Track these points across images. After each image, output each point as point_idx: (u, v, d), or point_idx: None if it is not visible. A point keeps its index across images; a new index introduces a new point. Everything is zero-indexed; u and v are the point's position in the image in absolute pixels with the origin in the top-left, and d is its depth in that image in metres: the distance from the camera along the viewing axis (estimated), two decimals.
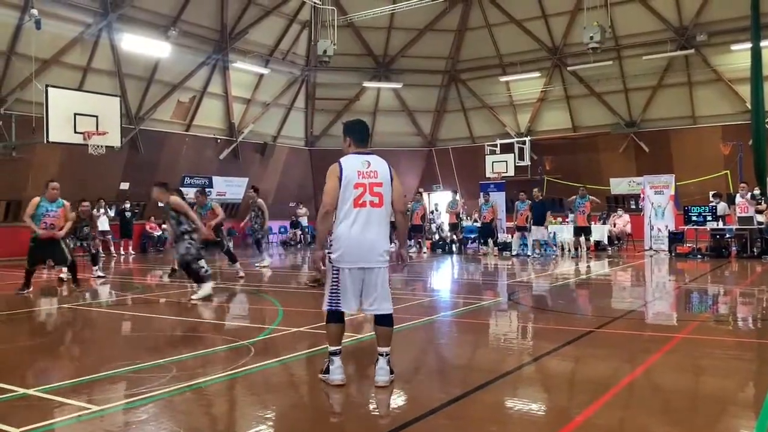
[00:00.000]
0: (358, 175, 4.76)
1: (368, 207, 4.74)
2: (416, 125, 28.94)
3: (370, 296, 4.76)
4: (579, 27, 22.51)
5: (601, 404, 4.36)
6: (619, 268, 15.14)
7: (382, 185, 4.81)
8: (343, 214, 4.74)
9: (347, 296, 4.73)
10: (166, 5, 20.89)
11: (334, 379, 4.72)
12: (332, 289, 4.77)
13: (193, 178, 23.52)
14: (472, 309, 8.88)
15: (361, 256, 4.72)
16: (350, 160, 4.84)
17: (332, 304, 4.76)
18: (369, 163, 4.84)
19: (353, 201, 4.72)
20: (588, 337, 6.62)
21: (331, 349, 4.79)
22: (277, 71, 25.51)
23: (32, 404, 4.53)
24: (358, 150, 4.94)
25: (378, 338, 4.82)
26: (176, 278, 12.57)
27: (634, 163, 24.45)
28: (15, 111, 17.58)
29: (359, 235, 4.71)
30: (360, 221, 4.72)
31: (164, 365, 5.48)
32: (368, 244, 4.73)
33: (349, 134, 5.04)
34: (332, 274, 4.79)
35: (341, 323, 4.82)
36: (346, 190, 4.72)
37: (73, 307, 9.44)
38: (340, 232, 4.74)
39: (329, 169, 4.81)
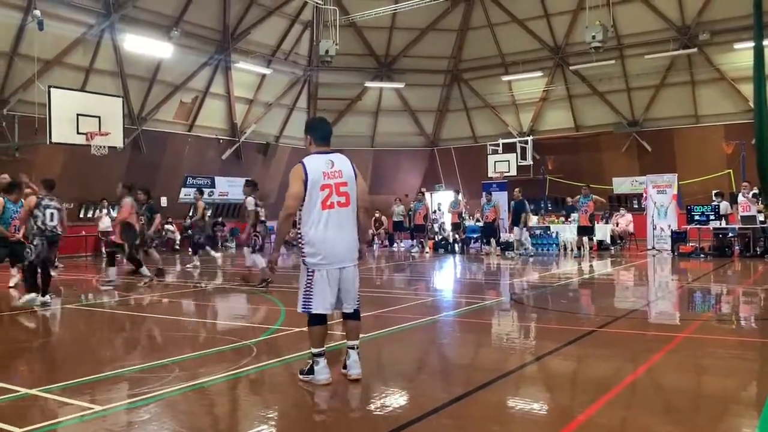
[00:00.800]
0: (324, 176, 4.72)
1: (336, 208, 4.73)
2: (418, 125, 28.94)
3: (347, 294, 4.81)
4: (581, 26, 22.49)
5: (603, 403, 4.36)
6: (622, 268, 15.12)
7: (347, 184, 4.80)
8: (312, 217, 4.71)
9: (324, 297, 4.71)
10: (168, 6, 20.92)
11: (320, 379, 4.74)
12: (306, 291, 4.76)
13: (195, 179, 23.54)
14: (474, 309, 8.88)
15: (338, 256, 4.74)
16: (314, 160, 4.79)
17: (306, 306, 4.76)
18: (332, 162, 4.80)
19: (321, 203, 4.70)
20: (590, 337, 6.62)
21: (315, 350, 4.78)
22: (280, 71, 25.52)
23: (35, 404, 4.54)
24: (320, 149, 4.90)
25: (349, 332, 4.90)
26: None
27: (636, 163, 24.41)
28: (18, 112, 17.62)
29: (333, 236, 4.71)
30: (331, 223, 4.71)
31: (166, 365, 5.50)
32: (344, 245, 4.76)
33: (310, 133, 4.98)
34: (306, 277, 4.76)
35: (324, 324, 4.83)
36: (312, 193, 4.68)
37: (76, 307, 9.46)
38: (313, 235, 4.71)
39: (292, 171, 4.77)
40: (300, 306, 4.80)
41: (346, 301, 4.84)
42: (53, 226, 9.53)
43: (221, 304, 10.12)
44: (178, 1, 21.08)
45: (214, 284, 12.42)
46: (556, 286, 11.52)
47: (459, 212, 20.49)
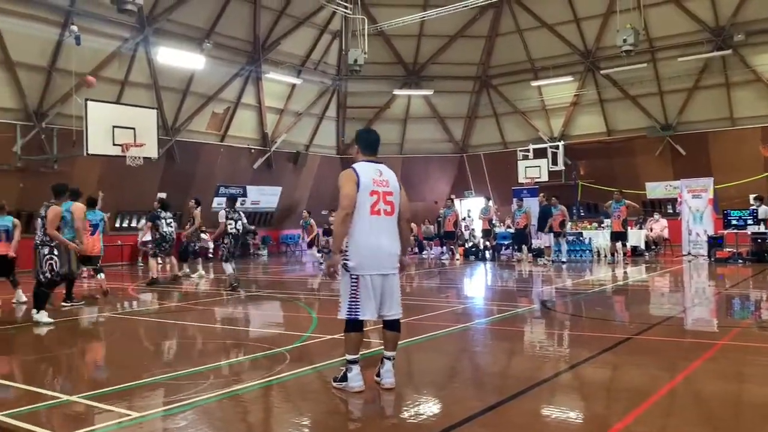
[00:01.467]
0: (373, 182, 4.80)
1: (382, 215, 4.80)
2: (447, 132, 28.90)
3: (388, 302, 4.82)
4: (612, 30, 22.24)
5: (640, 413, 4.28)
6: (657, 274, 14.86)
7: (393, 194, 4.89)
8: (359, 222, 4.75)
9: (367, 304, 4.72)
10: (200, 18, 21.29)
11: (354, 386, 4.74)
12: (351, 297, 4.75)
13: (228, 188, 23.83)
14: (506, 316, 8.81)
15: (381, 263, 4.77)
16: (364, 167, 4.86)
17: (352, 312, 4.74)
18: (381, 172, 4.89)
19: (369, 208, 4.76)
20: (626, 345, 6.52)
21: (350, 357, 4.79)
22: (309, 81, 25.75)
23: (76, 411, 4.64)
24: (367, 158, 4.97)
25: (387, 343, 4.90)
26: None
27: (670, 167, 24.00)
28: (56, 125, 18.07)
29: (377, 242, 4.76)
30: (376, 229, 4.76)
31: (202, 372, 5.57)
32: (386, 251, 4.80)
33: (358, 142, 5.07)
34: (351, 283, 4.75)
35: (361, 332, 4.85)
36: (362, 197, 4.74)
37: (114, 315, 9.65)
38: (358, 239, 4.74)
39: (343, 174, 4.82)
40: (344, 312, 4.78)
41: (388, 308, 4.83)
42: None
43: (253, 312, 10.22)
44: (210, 13, 21.45)
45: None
46: (589, 293, 11.38)
47: (489, 219, 20.36)
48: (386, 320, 4.89)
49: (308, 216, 19.56)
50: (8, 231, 10.43)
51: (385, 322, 4.90)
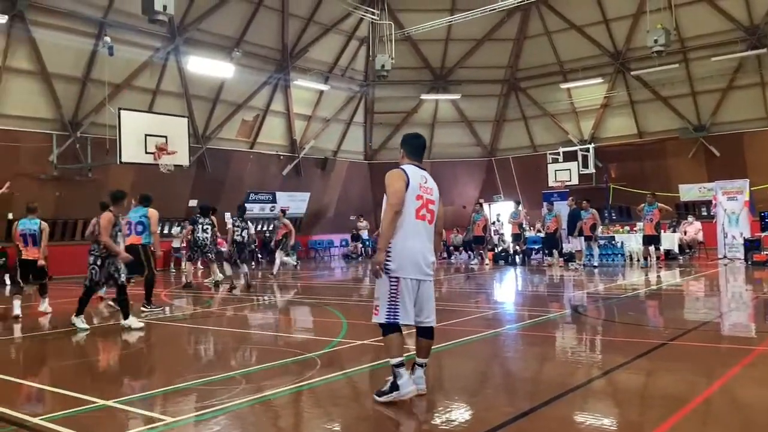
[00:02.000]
0: (419, 187, 4.73)
1: (425, 221, 4.74)
2: (475, 136, 28.78)
3: (425, 308, 4.71)
4: (642, 30, 21.93)
5: (676, 420, 4.20)
6: (692, 278, 14.57)
7: (434, 203, 4.84)
8: (404, 224, 4.64)
9: (407, 308, 4.61)
10: (229, 27, 21.58)
11: (407, 392, 4.54)
12: (391, 300, 4.61)
13: (257, 194, 24.09)
14: (537, 322, 8.72)
15: (420, 268, 4.67)
16: (412, 170, 4.78)
17: (391, 316, 4.60)
18: (426, 179, 4.85)
19: (415, 212, 4.67)
20: (660, 350, 6.40)
21: (396, 361, 4.57)
22: (337, 87, 25.90)
23: (111, 415, 4.72)
24: (413, 162, 4.90)
25: (421, 350, 4.81)
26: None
27: (704, 169, 23.54)
28: (90, 134, 18.47)
29: (419, 247, 4.68)
30: (417, 233, 4.68)
31: (234, 377, 5.62)
32: (424, 257, 4.70)
33: (404, 146, 5.02)
34: (391, 285, 4.63)
35: (401, 332, 4.70)
36: (410, 199, 4.64)
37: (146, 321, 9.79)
38: (401, 242, 4.63)
39: (392, 173, 4.71)
40: (383, 315, 4.61)
41: (424, 314, 4.72)
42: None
43: (284, 317, 10.28)
44: (239, 22, 21.73)
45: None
46: (622, 298, 11.21)
47: (519, 223, 20.20)
48: (421, 327, 4.77)
49: (282, 216, 17.46)
50: (35, 235, 10.13)
51: (420, 329, 4.78)
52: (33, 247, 10.16)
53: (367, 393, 5.39)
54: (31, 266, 10.21)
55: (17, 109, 17.42)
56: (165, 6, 14.44)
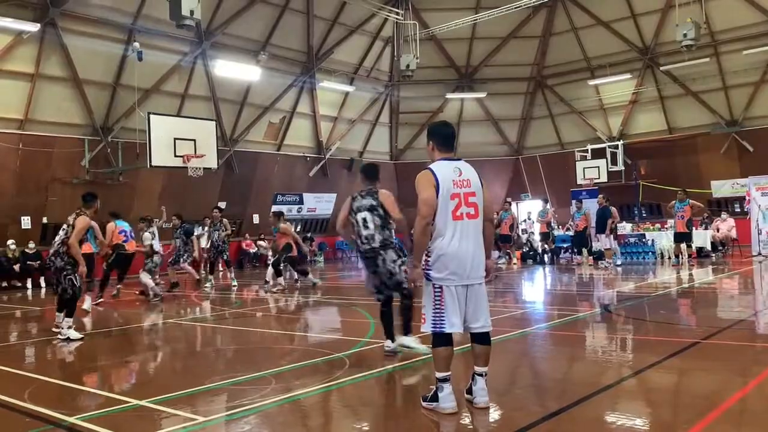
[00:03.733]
0: (453, 184, 4.42)
1: (465, 219, 4.40)
2: (502, 134, 28.59)
3: (476, 313, 4.46)
4: (671, 25, 21.56)
5: (710, 421, 4.13)
6: (725, 276, 14.30)
7: (475, 194, 4.48)
8: (441, 228, 4.38)
9: (453, 315, 4.36)
10: (255, 31, 21.78)
11: (446, 407, 4.38)
12: (436, 309, 4.39)
13: (284, 196, 24.26)
14: (567, 321, 8.64)
15: (466, 272, 4.40)
16: (442, 167, 4.48)
17: (437, 325, 4.38)
18: (460, 170, 4.50)
19: (451, 213, 4.38)
20: (693, 349, 6.30)
21: (441, 375, 4.39)
22: (362, 88, 25.95)
23: (144, 414, 4.80)
24: (444, 156, 4.59)
25: (478, 357, 4.52)
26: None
27: (737, 164, 23.06)
28: (121, 138, 18.80)
29: (461, 250, 4.38)
30: (459, 235, 4.38)
31: (264, 377, 5.67)
32: (471, 259, 4.41)
33: (433, 138, 4.69)
34: (435, 293, 4.41)
35: (450, 346, 4.44)
36: (443, 201, 4.36)
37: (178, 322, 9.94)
38: (441, 247, 4.38)
39: (420, 177, 4.45)
40: (429, 324, 4.41)
41: (475, 320, 4.46)
42: None
43: (312, 317, 10.35)
44: (265, 25, 21.91)
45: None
46: (653, 296, 11.05)
47: (547, 221, 20.02)
48: (475, 333, 4.50)
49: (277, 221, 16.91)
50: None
51: (474, 335, 4.52)
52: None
53: (395, 393, 5.40)
54: None
55: (50, 115, 17.80)
56: (192, 11, 14.63)
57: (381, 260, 6.28)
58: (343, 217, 6.56)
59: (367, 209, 6.32)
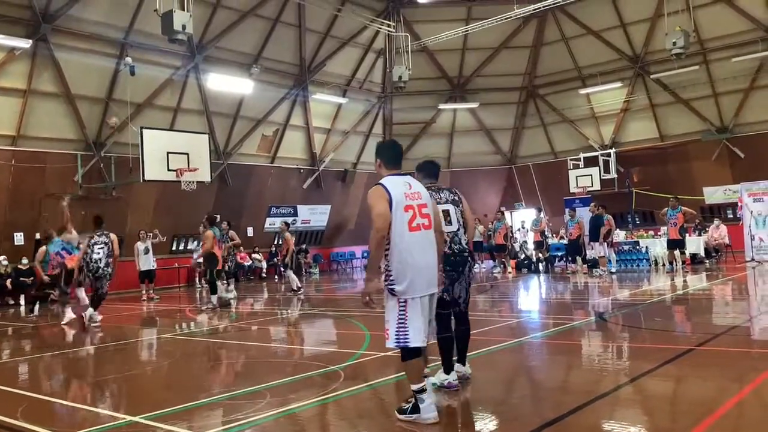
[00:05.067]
0: (405, 197, 4.50)
1: (422, 230, 4.49)
2: (495, 144, 28.70)
3: (433, 321, 4.61)
4: (661, 33, 21.76)
5: (707, 426, 4.13)
6: (719, 282, 14.34)
7: (427, 206, 4.60)
8: (400, 241, 4.41)
9: (417, 329, 4.37)
10: (247, 44, 21.84)
11: (427, 417, 4.39)
12: (400, 323, 4.39)
13: (279, 208, 24.23)
14: (562, 329, 8.64)
15: (429, 282, 4.47)
16: (392, 181, 4.57)
17: (401, 340, 4.38)
18: (410, 184, 4.63)
19: (408, 225, 4.44)
20: (689, 356, 6.31)
21: (417, 387, 4.41)
22: (355, 100, 26.04)
23: (138, 431, 4.76)
24: (393, 171, 4.70)
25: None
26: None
27: (729, 171, 23.21)
28: (114, 153, 18.76)
29: (422, 261, 4.44)
30: (418, 246, 4.44)
31: (259, 391, 5.65)
32: (430, 270, 4.50)
33: (381, 155, 4.80)
34: (399, 308, 4.41)
35: (421, 356, 4.50)
36: (398, 214, 4.42)
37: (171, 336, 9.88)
38: (402, 260, 4.39)
39: (372, 192, 4.52)
40: (392, 340, 4.41)
41: (433, 328, 4.69)
42: (97, 259, 11.00)
43: (307, 330, 10.32)
44: (257, 39, 21.98)
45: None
46: (648, 304, 11.06)
47: (541, 230, 20.07)
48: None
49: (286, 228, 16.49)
50: None
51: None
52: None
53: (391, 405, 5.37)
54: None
55: (43, 130, 17.77)
56: (184, 26, 14.68)
57: (468, 267, 5.52)
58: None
59: (451, 202, 5.51)
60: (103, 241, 11.09)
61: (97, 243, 11.05)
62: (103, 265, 11.03)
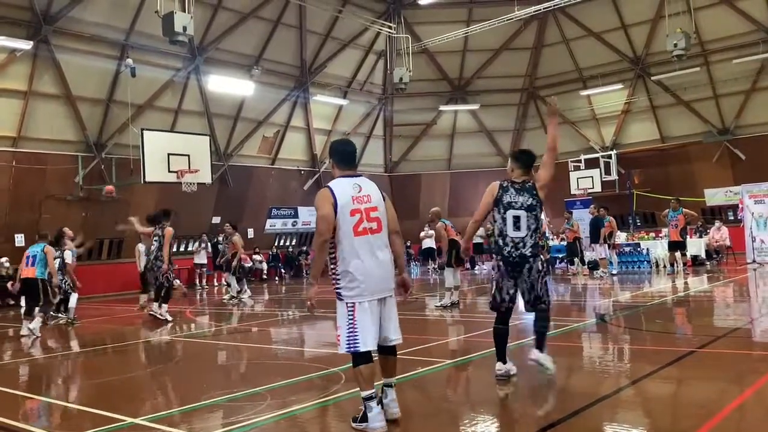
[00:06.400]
0: (353, 200, 4.40)
1: (369, 234, 4.38)
2: (495, 145, 28.68)
3: (388, 327, 4.43)
4: (661, 35, 21.76)
5: (709, 429, 4.12)
6: (720, 284, 14.32)
7: (377, 209, 4.47)
8: (345, 245, 4.35)
9: (367, 333, 4.29)
10: (248, 46, 21.86)
11: (375, 427, 4.23)
12: (350, 329, 4.31)
13: (279, 209, 24.24)
14: (563, 331, 8.63)
15: (377, 286, 4.37)
16: (340, 184, 4.49)
17: (351, 345, 4.30)
18: (360, 186, 4.50)
19: (353, 229, 4.35)
20: (690, 358, 6.29)
21: (365, 394, 4.28)
22: (356, 101, 26.06)
23: None
24: (345, 173, 4.60)
25: (388, 369, 4.50)
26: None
27: (730, 172, 23.19)
28: (114, 155, 18.78)
29: (368, 265, 4.34)
30: (365, 250, 4.35)
31: (259, 393, 5.64)
32: (380, 273, 4.39)
33: (334, 156, 4.71)
34: (347, 313, 4.34)
35: (371, 363, 4.36)
36: (343, 218, 4.34)
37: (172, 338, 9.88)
38: (347, 264, 4.34)
39: (318, 195, 4.48)
40: (343, 346, 4.34)
41: (388, 333, 4.43)
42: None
43: (307, 331, 10.30)
44: (258, 40, 22.00)
45: None
46: (649, 305, 11.05)
47: (542, 232, 20.03)
48: (386, 346, 4.48)
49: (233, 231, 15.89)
50: (35, 257, 10.63)
51: (384, 347, 4.49)
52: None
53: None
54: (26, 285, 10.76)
55: (44, 132, 17.79)
56: (185, 27, 14.70)
57: (527, 269, 5.51)
58: (487, 209, 5.65)
59: (525, 208, 5.48)
60: (157, 233, 11.44)
61: (155, 236, 11.50)
62: (153, 257, 11.38)
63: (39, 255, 10.60)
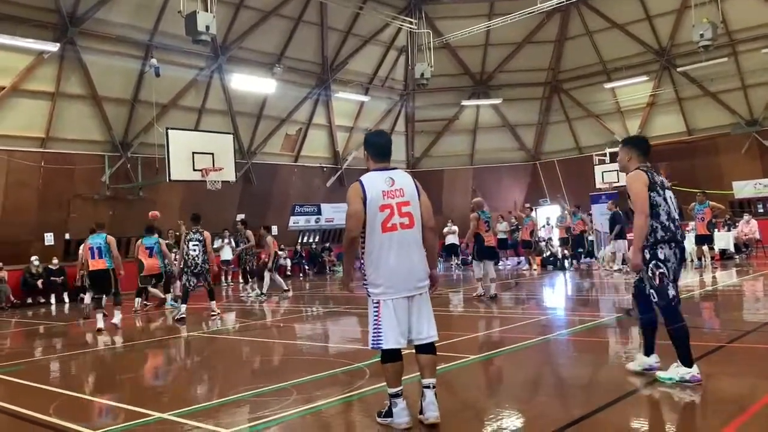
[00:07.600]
0: (383, 195, 4.30)
1: (399, 230, 4.29)
2: (518, 140, 28.49)
3: (420, 324, 4.33)
4: (687, 25, 21.39)
5: (739, 425, 4.06)
6: (750, 278, 14.07)
7: (410, 204, 4.35)
8: (373, 241, 4.29)
9: (391, 331, 4.25)
10: (270, 44, 21.97)
11: (400, 422, 4.26)
12: (375, 325, 4.31)
13: (302, 207, 24.36)
14: (589, 326, 8.56)
15: (403, 284, 4.29)
16: (372, 178, 4.38)
17: (375, 342, 4.30)
18: (393, 180, 4.37)
19: (381, 225, 4.27)
20: (718, 353, 6.20)
21: (392, 390, 4.29)
22: (377, 98, 26.04)
23: (167, 428, 4.83)
24: (378, 166, 4.50)
25: (424, 369, 4.34)
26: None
27: (759, 164, 22.74)
28: (140, 154, 19.03)
29: (395, 262, 4.27)
30: (393, 247, 4.27)
31: (285, 388, 5.68)
32: (406, 270, 4.29)
33: (368, 148, 4.61)
34: (373, 309, 4.34)
35: (399, 360, 4.32)
36: (371, 213, 4.26)
37: (198, 334, 10.00)
38: (374, 261, 4.30)
39: (350, 190, 4.37)
40: (370, 342, 4.34)
41: (419, 331, 4.33)
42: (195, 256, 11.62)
43: (331, 327, 10.36)
44: (279, 38, 22.10)
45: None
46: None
47: (566, 227, 19.88)
48: (419, 344, 4.37)
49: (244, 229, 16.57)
50: (100, 248, 10.87)
51: (418, 346, 4.37)
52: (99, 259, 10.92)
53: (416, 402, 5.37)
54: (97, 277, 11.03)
55: (71, 132, 18.08)
56: (207, 26, 14.82)
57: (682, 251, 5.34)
58: (646, 197, 5.24)
59: (670, 189, 5.37)
60: (197, 238, 11.77)
61: (192, 240, 11.81)
62: (201, 261, 11.69)
63: (103, 245, 10.86)
